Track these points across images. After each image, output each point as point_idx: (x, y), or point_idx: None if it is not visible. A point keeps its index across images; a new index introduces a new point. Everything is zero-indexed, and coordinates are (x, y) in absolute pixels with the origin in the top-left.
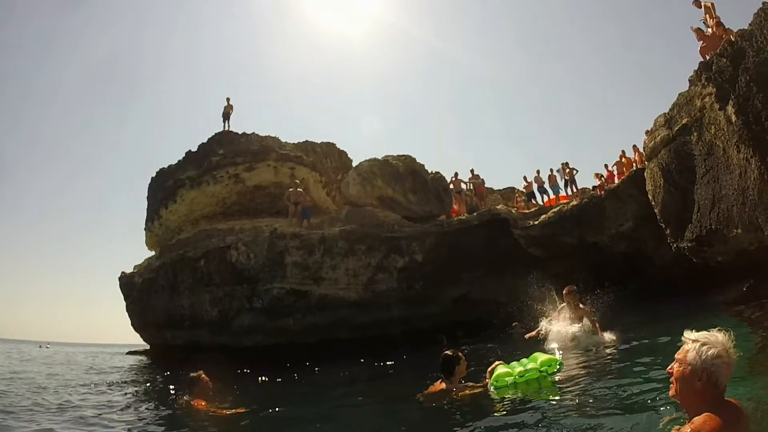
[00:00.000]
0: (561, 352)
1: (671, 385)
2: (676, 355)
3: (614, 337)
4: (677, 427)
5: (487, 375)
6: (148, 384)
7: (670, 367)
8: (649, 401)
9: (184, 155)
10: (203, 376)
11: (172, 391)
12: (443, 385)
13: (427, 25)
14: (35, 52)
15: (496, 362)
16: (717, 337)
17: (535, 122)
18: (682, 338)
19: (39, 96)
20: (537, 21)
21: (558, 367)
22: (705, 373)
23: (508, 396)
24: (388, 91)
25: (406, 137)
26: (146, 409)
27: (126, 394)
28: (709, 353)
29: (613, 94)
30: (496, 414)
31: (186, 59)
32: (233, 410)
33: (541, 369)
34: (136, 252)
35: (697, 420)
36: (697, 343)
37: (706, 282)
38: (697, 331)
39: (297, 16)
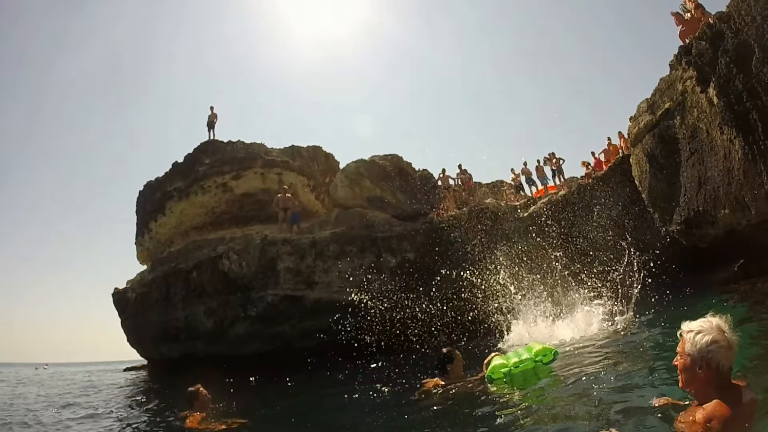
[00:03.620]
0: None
1: (679, 377)
2: (677, 349)
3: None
4: (686, 408)
5: (484, 366)
6: (145, 400)
7: (675, 360)
8: (645, 387)
9: (170, 166)
10: (202, 389)
11: (171, 407)
12: (440, 382)
13: (413, 25)
14: (27, 52)
15: (493, 353)
16: (711, 322)
17: (523, 119)
18: (679, 333)
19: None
20: (527, 21)
21: (553, 356)
22: (703, 361)
23: (504, 388)
24: (376, 92)
25: (394, 138)
26: (144, 426)
27: (123, 412)
28: (703, 341)
29: (605, 85)
30: (491, 407)
31: (165, 67)
32: (231, 421)
33: (536, 359)
34: (130, 267)
35: (708, 406)
36: (692, 332)
37: (698, 263)
38: (694, 319)
39: (280, 22)
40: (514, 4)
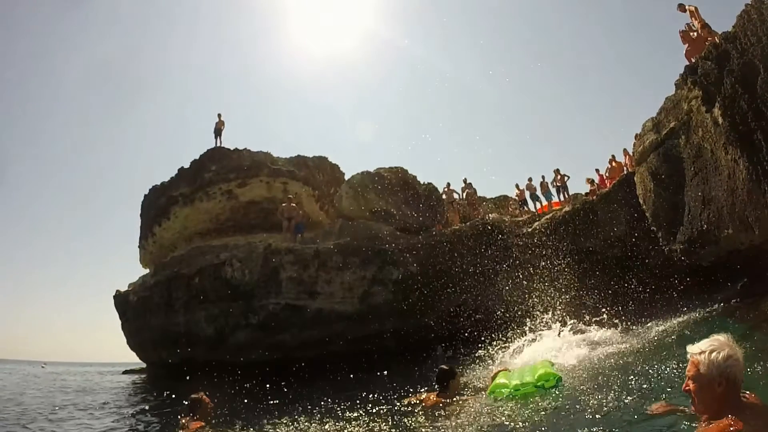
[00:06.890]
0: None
1: (692, 401)
2: (687, 373)
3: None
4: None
5: (489, 380)
6: (142, 406)
7: (684, 385)
8: (649, 410)
9: (176, 172)
10: (205, 397)
11: (166, 412)
12: (439, 398)
13: (417, 35)
14: (32, 55)
15: (499, 368)
16: (719, 339)
17: (527, 129)
18: (687, 356)
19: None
20: (528, 32)
21: (556, 382)
22: (723, 378)
23: (504, 408)
24: (380, 102)
25: (397, 147)
26: (138, 430)
27: (117, 415)
28: (720, 358)
29: (605, 96)
30: (490, 427)
31: (172, 77)
32: None
33: (537, 384)
34: (133, 269)
35: (723, 423)
36: (705, 353)
37: (701, 282)
38: (697, 342)
39: (283, 33)
40: (515, 7)
